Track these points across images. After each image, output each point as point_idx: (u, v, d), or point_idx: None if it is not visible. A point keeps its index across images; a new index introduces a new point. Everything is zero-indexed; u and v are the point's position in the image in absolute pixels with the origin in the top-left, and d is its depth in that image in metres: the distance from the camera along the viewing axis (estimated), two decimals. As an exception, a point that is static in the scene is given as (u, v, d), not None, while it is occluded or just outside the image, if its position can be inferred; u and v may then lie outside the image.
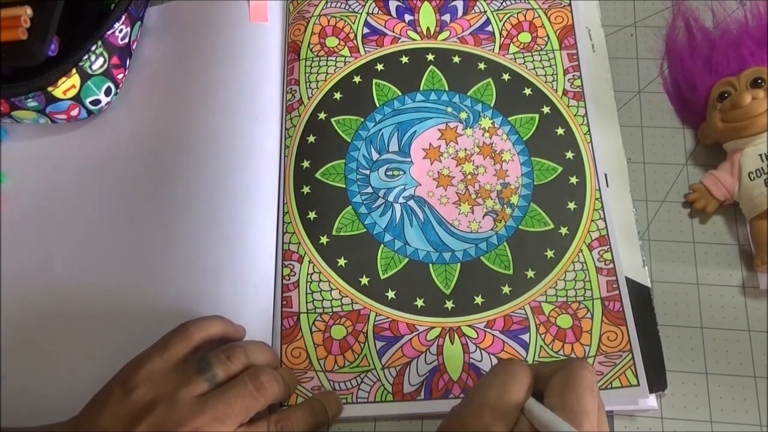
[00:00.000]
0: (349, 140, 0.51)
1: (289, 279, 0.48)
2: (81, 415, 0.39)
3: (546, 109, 0.52)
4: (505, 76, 0.53)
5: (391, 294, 0.47)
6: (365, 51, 0.54)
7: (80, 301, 0.47)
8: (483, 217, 0.49)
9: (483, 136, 0.51)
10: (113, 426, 0.36)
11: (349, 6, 0.56)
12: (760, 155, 0.46)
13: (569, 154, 0.50)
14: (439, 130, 0.52)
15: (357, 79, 0.53)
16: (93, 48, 0.49)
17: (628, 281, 0.46)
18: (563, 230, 0.48)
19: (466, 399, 0.35)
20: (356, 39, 0.55)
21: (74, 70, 0.48)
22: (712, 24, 0.54)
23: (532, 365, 0.37)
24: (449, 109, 0.52)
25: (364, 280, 0.47)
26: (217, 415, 0.37)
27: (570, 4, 0.55)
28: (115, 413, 0.37)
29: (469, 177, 0.50)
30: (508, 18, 0.55)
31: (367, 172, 0.50)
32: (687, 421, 0.43)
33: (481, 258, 0.47)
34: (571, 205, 0.49)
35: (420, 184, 0.50)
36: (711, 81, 0.50)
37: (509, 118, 0.52)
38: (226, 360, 0.40)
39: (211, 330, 0.42)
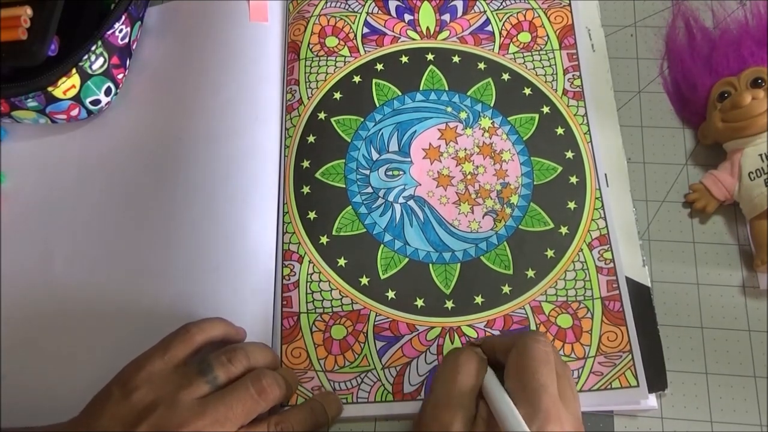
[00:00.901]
0: (349, 140, 0.51)
1: (289, 279, 0.48)
2: (81, 416, 0.39)
3: (546, 109, 0.52)
4: (505, 76, 0.53)
5: (391, 294, 0.47)
6: (365, 51, 0.54)
7: (80, 301, 0.47)
8: (483, 217, 0.49)
9: (483, 136, 0.51)
10: (113, 427, 0.36)
11: (349, 6, 0.56)
12: (760, 155, 0.46)
13: (569, 154, 0.50)
14: (438, 130, 0.52)
15: (357, 78, 0.53)
16: (93, 48, 0.49)
17: (628, 281, 0.46)
18: (563, 230, 0.48)
19: (423, 403, 0.36)
20: (356, 39, 0.55)
21: (74, 70, 0.48)
22: (712, 24, 0.54)
23: (484, 340, 0.38)
24: (449, 109, 0.52)
25: (364, 280, 0.47)
26: (218, 417, 0.37)
27: (570, 4, 0.55)
28: (115, 414, 0.37)
29: (469, 177, 0.50)
30: (508, 18, 0.55)
31: (367, 172, 0.50)
32: (687, 421, 0.43)
33: (481, 258, 0.47)
34: (571, 205, 0.49)
35: (420, 184, 0.50)
36: (711, 81, 0.50)
37: (509, 118, 0.52)
38: (227, 362, 0.40)
39: (212, 332, 0.42)
